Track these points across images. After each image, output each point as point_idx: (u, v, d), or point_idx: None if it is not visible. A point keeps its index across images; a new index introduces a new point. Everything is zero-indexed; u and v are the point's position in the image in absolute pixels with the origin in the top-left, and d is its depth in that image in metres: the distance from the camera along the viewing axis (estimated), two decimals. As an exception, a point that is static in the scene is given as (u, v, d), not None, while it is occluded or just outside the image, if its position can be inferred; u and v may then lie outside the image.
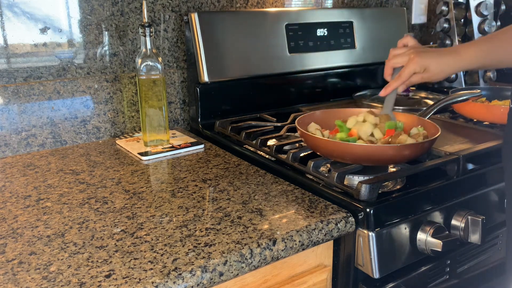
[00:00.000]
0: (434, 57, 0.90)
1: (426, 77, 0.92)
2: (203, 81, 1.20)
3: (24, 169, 0.98)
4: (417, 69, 0.91)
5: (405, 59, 0.93)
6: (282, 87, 1.37)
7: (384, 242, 0.77)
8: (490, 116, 1.18)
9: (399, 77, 0.93)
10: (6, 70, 1.06)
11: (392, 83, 0.95)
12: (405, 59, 0.93)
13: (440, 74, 0.91)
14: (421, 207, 0.83)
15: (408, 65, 0.91)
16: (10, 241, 0.69)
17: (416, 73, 0.92)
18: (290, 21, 1.34)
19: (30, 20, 1.07)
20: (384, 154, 0.83)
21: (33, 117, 1.09)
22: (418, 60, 0.90)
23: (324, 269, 0.80)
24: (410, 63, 0.91)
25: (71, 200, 0.82)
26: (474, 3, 1.62)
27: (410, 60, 0.91)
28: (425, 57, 0.90)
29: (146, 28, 1.05)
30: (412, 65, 0.91)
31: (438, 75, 0.91)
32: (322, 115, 1.03)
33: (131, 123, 1.23)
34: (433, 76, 0.91)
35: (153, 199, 0.83)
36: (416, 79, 0.92)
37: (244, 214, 0.76)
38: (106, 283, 0.58)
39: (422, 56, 0.91)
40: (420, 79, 0.92)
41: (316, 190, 0.85)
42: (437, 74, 0.91)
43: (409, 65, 0.91)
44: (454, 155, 0.90)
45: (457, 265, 0.90)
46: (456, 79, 1.67)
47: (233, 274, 0.65)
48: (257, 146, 1.03)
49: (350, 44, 1.47)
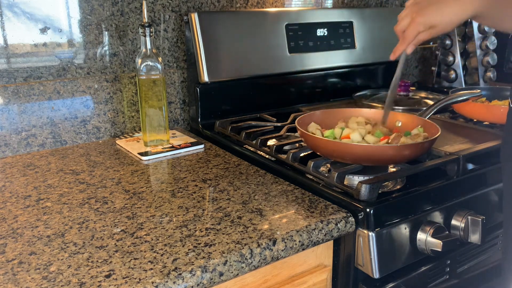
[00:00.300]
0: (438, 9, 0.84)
1: (435, 32, 0.86)
2: (203, 81, 1.20)
3: (24, 169, 0.98)
4: (420, 29, 0.85)
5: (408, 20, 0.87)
6: (282, 87, 1.37)
7: (384, 242, 0.77)
8: (490, 116, 1.18)
9: (404, 39, 0.88)
10: (6, 70, 1.06)
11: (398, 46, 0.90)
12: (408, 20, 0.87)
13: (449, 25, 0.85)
14: (421, 207, 0.83)
15: (410, 26, 0.86)
16: (10, 241, 0.69)
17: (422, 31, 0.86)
18: (290, 21, 1.34)
19: (30, 20, 1.07)
20: (384, 154, 0.83)
21: (33, 117, 1.09)
22: (420, 19, 0.85)
23: (324, 269, 0.80)
24: (412, 24, 0.86)
25: (71, 200, 0.82)
26: (474, 3, 1.62)
27: (412, 20, 0.86)
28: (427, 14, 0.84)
29: (146, 28, 1.05)
30: (415, 26, 0.85)
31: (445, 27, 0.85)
32: (322, 115, 1.03)
33: (131, 123, 1.23)
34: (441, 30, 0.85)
35: (153, 199, 0.83)
36: (424, 37, 0.87)
37: (244, 214, 0.76)
38: (106, 283, 0.58)
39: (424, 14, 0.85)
40: (428, 35, 0.86)
41: (316, 190, 0.85)
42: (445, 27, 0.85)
43: (412, 25, 0.86)
44: (454, 155, 0.90)
45: (457, 265, 0.90)
46: (456, 79, 1.67)
47: (233, 274, 0.65)
48: (257, 146, 1.03)
49: (350, 44, 1.47)
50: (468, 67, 1.69)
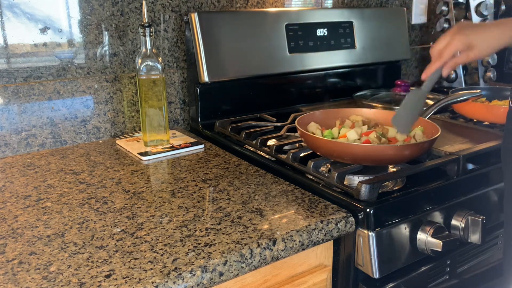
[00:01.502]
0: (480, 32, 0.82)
1: (473, 55, 0.83)
2: (203, 81, 1.20)
3: (24, 169, 0.98)
4: (459, 47, 0.83)
5: (448, 38, 0.84)
6: (282, 87, 1.37)
7: (384, 242, 0.77)
8: (490, 116, 1.18)
9: (440, 57, 0.84)
10: (6, 70, 1.06)
11: (431, 65, 0.86)
12: (448, 38, 0.84)
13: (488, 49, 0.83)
14: (421, 207, 0.83)
15: (449, 43, 0.83)
16: (10, 241, 0.69)
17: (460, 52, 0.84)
18: (290, 21, 1.34)
19: (30, 20, 1.07)
20: (384, 154, 0.83)
21: (33, 117, 1.09)
22: (460, 37, 0.82)
23: (324, 269, 0.80)
24: (452, 41, 0.83)
25: (71, 200, 0.82)
26: (474, 3, 1.62)
27: (451, 38, 0.83)
28: (468, 33, 0.82)
29: (146, 28, 1.05)
30: (454, 43, 0.83)
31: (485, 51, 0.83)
32: (322, 115, 1.03)
33: (131, 123, 1.23)
34: (480, 52, 0.83)
35: (153, 199, 0.83)
36: (462, 60, 0.84)
37: (244, 214, 0.76)
38: (106, 283, 0.58)
39: (464, 33, 0.83)
40: (466, 58, 0.84)
41: (316, 190, 0.85)
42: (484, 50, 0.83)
43: (451, 43, 0.83)
44: (454, 155, 0.90)
45: (457, 265, 0.90)
46: (456, 79, 1.68)
47: (233, 274, 0.65)
48: (257, 146, 1.03)
49: (350, 44, 1.47)
50: (468, 67, 1.69)
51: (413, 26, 1.81)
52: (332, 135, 0.92)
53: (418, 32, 1.85)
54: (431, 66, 0.86)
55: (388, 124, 1.00)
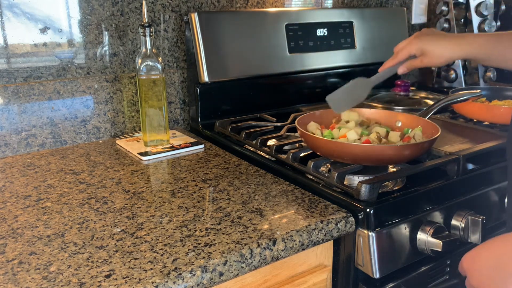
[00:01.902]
0: (434, 40, 0.88)
1: (426, 61, 0.89)
2: (203, 81, 1.20)
3: (24, 169, 0.98)
4: (412, 52, 0.90)
5: (407, 41, 0.92)
6: (282, 87, 1.37)
7: (384, 242, 0.77)
8: (490, 116, 1.18)
9: (396, 57, 0.92)
10: (6, 70, 1.06)
11: (388, 61, 0.94)
12: (407, 41, 0.92)
13: (439, 59, 0.88)
14: (421, 207, 0.83)
15: (405, 46, 0.91)
16: (10, 241, 0.69)
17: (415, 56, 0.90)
18: (290, 21, 1.34)
19: (30, 20, 1.07)
20: (384, 154, 0.83)
21: (33, 117, 1.09)
22: (417, 42, 0.89)
23: (324, 269, 0.80)
24: (408, 45, 0.90)
25: (71, 200, 0.82)
26: (474, 3, 1.62)
27: (409, 42, 0.91)
28: (424, 40, 0.88)
29: (146, 28, 1.05)
30: (409, 47, 0.90)
31: (437, 59, 0.88)
32: (322, 115, 1.03)
33: (131, 123, 1.23)
34: (432, 60, 0.89)
35: (153, 199, 0.83)
36: (417, 63, 0.91)
37: (244, 214, 0.76)
38: (106, 283, 0.58)
39: (421, 39, 0.89)
40: (419, 63, 0.90)
41: (316, 190, 0.85)
42: (436, 59, 0.88)
43: (406, 46, 0.91)
44: (454, 155, 0.90)
45: (457, 265, 0.90)
46: (456, 79, 1.67)
47: (233, 274, 0.65)
48: (257, 146, 1.03)
49: (350, 44, 1.47)
50: (468, 67, 1.69)
51: (413, 26, 1.81)
52: (332, 135, 0.92)
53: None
54: (387, 62, 0.94)
55: (388, 124, 1.00)
